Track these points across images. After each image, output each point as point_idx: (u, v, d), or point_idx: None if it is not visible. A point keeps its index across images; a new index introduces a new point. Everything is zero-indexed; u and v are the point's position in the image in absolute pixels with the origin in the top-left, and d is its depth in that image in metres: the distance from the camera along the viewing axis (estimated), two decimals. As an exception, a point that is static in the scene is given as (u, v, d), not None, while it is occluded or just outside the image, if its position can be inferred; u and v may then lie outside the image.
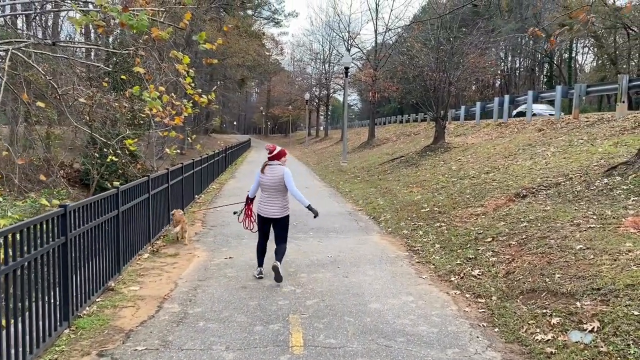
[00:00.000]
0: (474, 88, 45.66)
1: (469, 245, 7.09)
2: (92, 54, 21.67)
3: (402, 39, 22.78)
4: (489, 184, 10.07)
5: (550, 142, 12.73)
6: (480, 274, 6.04)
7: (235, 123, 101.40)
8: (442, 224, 8.58)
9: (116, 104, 12.71)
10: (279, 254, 5.99)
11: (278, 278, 5.88)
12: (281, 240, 6.09)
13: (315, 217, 6.09)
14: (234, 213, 6.76)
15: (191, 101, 6.73)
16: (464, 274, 6.16)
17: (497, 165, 11.81)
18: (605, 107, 32.84)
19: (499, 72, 47.84)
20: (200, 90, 6.35)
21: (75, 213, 4.75)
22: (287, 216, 6.13)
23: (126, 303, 5.28)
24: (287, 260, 6.92)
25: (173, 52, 6.07)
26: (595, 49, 39.97)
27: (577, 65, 44.60)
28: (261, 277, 6.09)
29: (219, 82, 61.67)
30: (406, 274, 6.42)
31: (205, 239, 8.50)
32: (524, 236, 6.64)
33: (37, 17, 18.98)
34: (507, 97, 20.15)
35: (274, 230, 6.12)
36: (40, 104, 7.19)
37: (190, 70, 6.08)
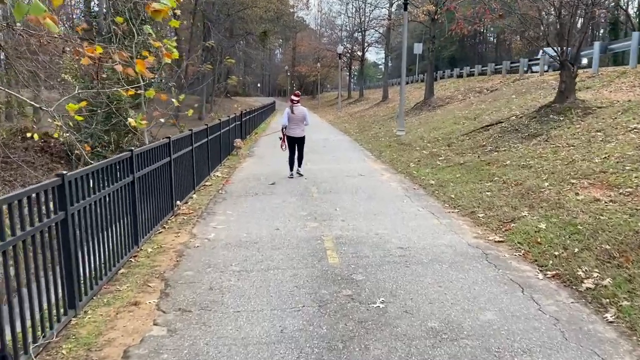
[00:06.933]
0: (519, 43, 37.79)
1: None
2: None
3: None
4: None
5: None
6: None
7: (259, 85, 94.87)
8: None
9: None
10: (300, 160, 10.27)
11: (300, 173, 10.16)
12: (301, 151, 10.23)
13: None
14: (280, 138, 10.54)
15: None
16: None
17: None
18: None
19: (547, 24, 40.05)
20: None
21: None
22: (304, 136, 10.21)
23: None
24: None
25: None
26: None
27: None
28: (292, 177, 10.00)
29: (242, 41, 55.14)
30: None
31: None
32: None
33: None
34: (652, 31, 13.60)
35: (297, 146, 10.14)
36: None
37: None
